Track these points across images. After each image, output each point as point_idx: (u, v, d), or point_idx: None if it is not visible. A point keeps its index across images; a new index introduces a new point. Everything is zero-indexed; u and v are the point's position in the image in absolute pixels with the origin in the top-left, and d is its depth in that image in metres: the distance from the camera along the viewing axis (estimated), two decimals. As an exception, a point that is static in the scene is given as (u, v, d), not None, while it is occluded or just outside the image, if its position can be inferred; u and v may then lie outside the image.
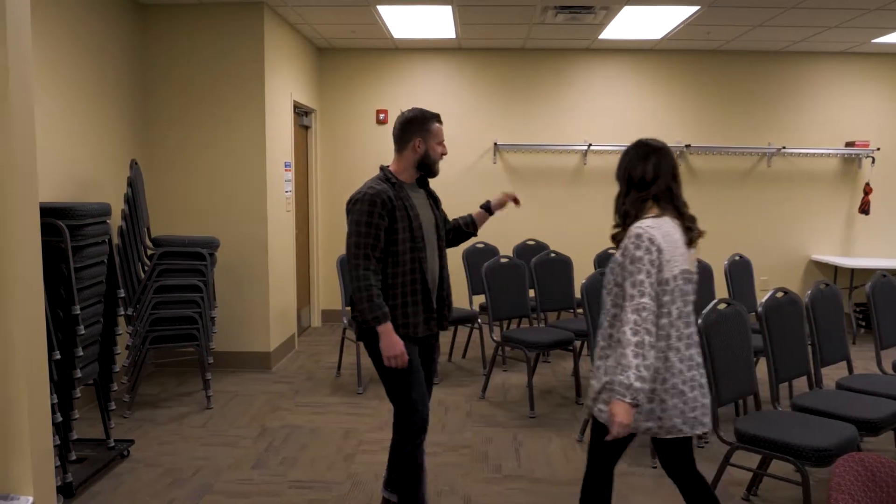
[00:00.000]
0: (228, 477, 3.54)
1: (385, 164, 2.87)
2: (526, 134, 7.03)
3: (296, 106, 6.26)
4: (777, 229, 7.14)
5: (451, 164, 7.05)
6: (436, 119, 2.84)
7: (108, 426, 3.74)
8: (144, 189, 4.74)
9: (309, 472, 3.60)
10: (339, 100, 7.04)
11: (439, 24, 5.92)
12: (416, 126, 2.80)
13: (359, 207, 2.68)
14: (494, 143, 6.99)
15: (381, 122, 7.03)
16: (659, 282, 2.24)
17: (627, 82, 7.00)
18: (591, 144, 6.91)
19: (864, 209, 6.95)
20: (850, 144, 6.99)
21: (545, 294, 5.15)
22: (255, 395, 4.85)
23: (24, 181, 2.32)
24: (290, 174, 6.01)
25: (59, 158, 4.24)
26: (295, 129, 6.32)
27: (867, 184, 6.98)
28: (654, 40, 6.50)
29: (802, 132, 7.04)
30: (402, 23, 5.89)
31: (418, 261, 2.76)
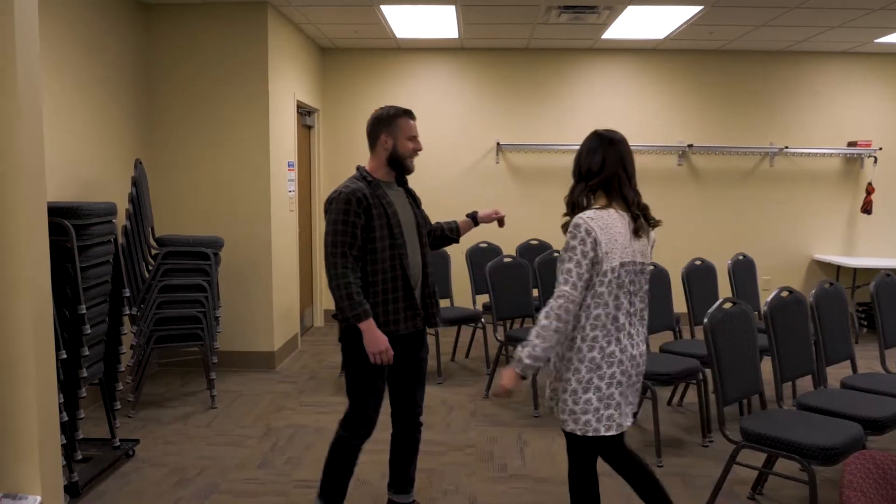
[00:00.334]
0: (234, 476, 3.55)
1: (362, 164, 2.85)
2: (529, 134, 7.04)
3: (299, 106, 6.26)
4: (779, 229, 7.15)
5: (453, 163, 7.06)
6: (404, 114, 2.80)
7: (113, 426, 3.74)
8: (148, 188, 4.74)
9: (315, 472, 3.60)
10: (342, 100, 7.04)
11: (442, 23, 5.93)
12: (383, 123, 2.79)
13: (335, 206, 2.66)
14: (497, 143, 6.99)
15: (383, 122, 7.02)
16: (597, 273, 2.27)
17: (630, 82, 7.00)
18: (593, 144, 6.91)
19: (867, 209, 6.96)
20: (853, 144, 7.00)
21: (548, 294, 5.09)
22: (260, 395, 4.86)
23: (33, 183, 2.32)
24: (294, 174, 6.02)
25: (63, 158, 4.25)
26: (298, 128, 6.32)
27: (869, 183, 6.98)
28: (656, 40, 6.50)
29: (805, 132, 7.05)
30: (405, 23, 5.90)
31: (398, 257, 2.72)
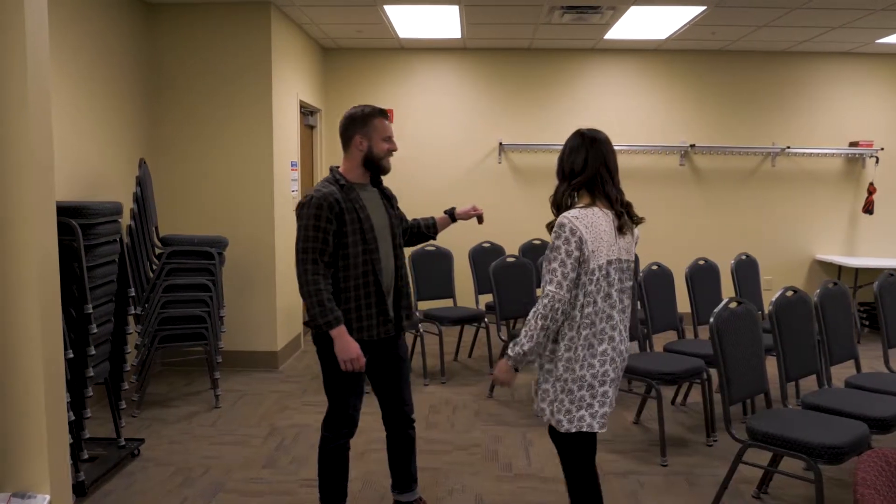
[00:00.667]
0: (240, 476, 3.55)
1: (335, 165, 2.81)
2: (531, 134, 7.04)
3: (302, 106, 6.27)
4: (781, 229, 7.16)
5: (456, 163, 7.06)
6: (379, 114, 2.74)
7: (118, 425, 3.75)
8: (153, 188, 4.74)
9: (320, 471, 3.60)
10: (345, 100, 7.04)
11: (445, 23, 5.93)
12: (357, 123, 2.72)
13: (306, 211, 2.62)
14: (500, 143, 7.00)
15: (385, 122, 7.03)
16: (585, 272, 2.27)
17: (632, 82, 7.01)
18: (595, 144, 6.91)
19: (868, 209, 6.97)
20: (854, 144, 7.00)
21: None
22: (264, 395, 4.86)
23: (42, 183, 2.33)
24: (297, 174, 6.02)
25: (68, 157, 4.25)
26: (301, 128, 6.33)
27: (871, 183, 6.99)
28: (658, 40, 6.51)
29: (806, 132, 7.06)
30: (408, 23, 5.90)
31: (371, 262, 2.69)
